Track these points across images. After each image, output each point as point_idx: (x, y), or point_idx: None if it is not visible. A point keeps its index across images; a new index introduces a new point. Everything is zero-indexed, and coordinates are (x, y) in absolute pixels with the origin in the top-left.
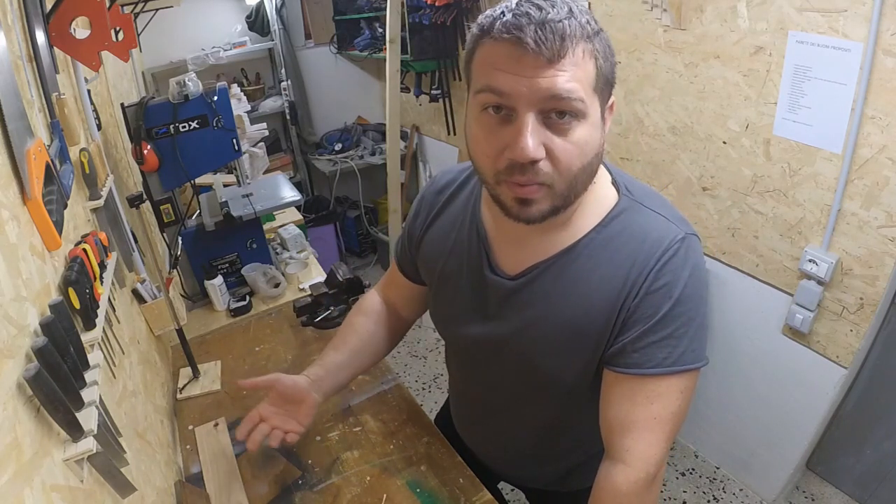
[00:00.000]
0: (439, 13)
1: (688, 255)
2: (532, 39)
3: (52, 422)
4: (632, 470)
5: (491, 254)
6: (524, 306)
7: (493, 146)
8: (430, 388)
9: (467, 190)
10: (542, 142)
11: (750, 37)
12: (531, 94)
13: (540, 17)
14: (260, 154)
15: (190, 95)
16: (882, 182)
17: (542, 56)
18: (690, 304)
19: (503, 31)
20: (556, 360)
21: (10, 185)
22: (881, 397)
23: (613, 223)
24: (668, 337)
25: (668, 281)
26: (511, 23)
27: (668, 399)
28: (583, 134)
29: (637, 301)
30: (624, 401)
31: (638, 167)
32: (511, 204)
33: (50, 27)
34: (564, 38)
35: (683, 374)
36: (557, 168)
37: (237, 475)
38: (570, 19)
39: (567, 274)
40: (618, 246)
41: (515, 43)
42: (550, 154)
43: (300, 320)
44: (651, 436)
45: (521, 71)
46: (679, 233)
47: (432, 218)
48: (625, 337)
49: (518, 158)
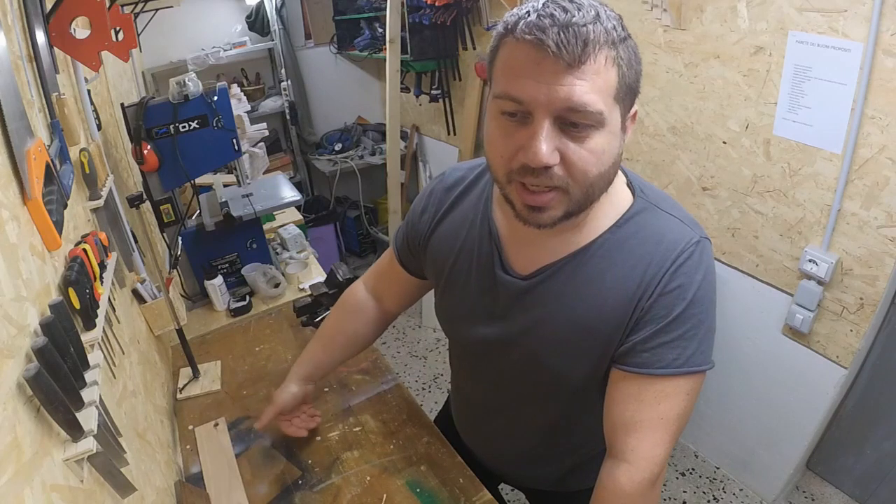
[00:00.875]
0: (439, 13)
1: (702, 259)
2: (553, 42)
3: (52, 422)
4: (636, 470)
5: (503, 253)
6: (535, 306)
7: (509, 147)
8: (430, 388)
9: (478, 188)
10: (556, 147)
11: (750, 37)
12: (548, 102)
13: (564, 19)
14: (260, 154)
15: (190, 95)
16: (882, 182)
17: (561, 60)
18: (702, 306)
19: (525, 32)
20: (565, 360)
21: (10, 185)
22: (881, 397)
23: (628, 224)
24: (679, 338)
25: (682, 283)
26: (534, 23)
27: (675, 400)
28: (600, 142)
29: (651, 301)
30: (631, 400)
31: (638, 167)
32: (521, 208)
33: (50, 27)
34: (587, 44)
35: (691, 375)
36: (572, 174)
37: (237, 475)
38: (595, 24)
39: (581, 274)
40: (633, 247)
41: (537, 45)
42: (565, 160)
43: (300, 320)
44: (656, 436)
45: (540, 76)
46: (694, 236)
47: (442, 215)
48: (636, 336)
49: (531, 163)
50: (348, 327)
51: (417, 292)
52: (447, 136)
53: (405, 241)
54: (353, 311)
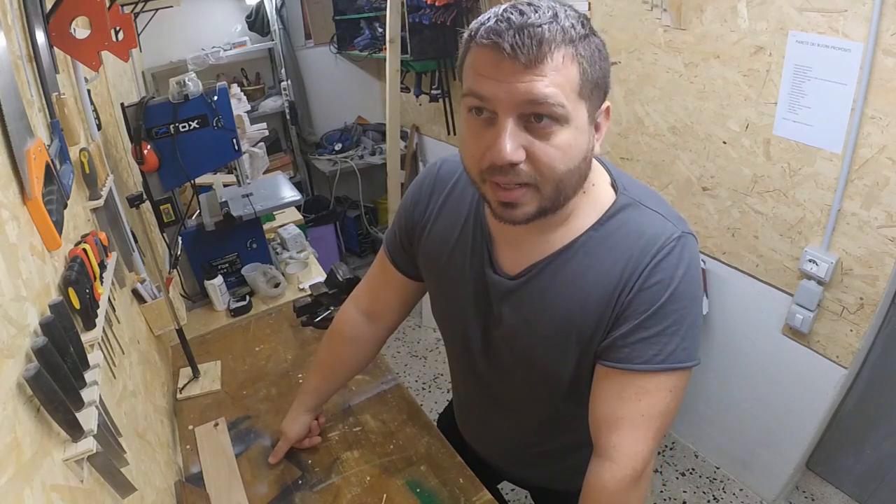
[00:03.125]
0: (439, 13)
1: (683, 254)
2: (509, 45)
3: (52, 422)
4: (618, 467)
5: (493, 253)
6: (523, 304)
7: (478, 147)
8: (430, 388)
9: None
10: (521, 145)
11: (750, 37)
12: (509, 99)
13: (520, 22)
14: (260, 154)
15: (190, 95)
16: (882, 182)
17: (518, 61)
18: (683, 302)
19: (484, 37)
20: (554, 356)
21: (10, 185)
22: (881, 397)
23: (610, 221)
24: (658, 334)
25: (661, 278)
26: (492, 28)
27: (657, 396)
28: (565, 138)
29: (630, 296)
30: (612, 396)
31: (638, 167)
32: (496, 206)
33: (50, 27)
34: (542, 43)
35: (673, 372)
36: (539, 170)
37: (237, 475)
38: (551, 24)
39: (564, 271)
40: (614, 242)
41: (494, 48)
42: (531, 156)
43: (300, 320)
44: (638, 432)
45: (500, 76)
46: (675, 231)
47: (437, 210)
48: (616, 332)
49: (496, 161)
50: (346, 357)
51: (413, 297)
52: (447, 136)
53: (396, 238)
54: (349, 339)
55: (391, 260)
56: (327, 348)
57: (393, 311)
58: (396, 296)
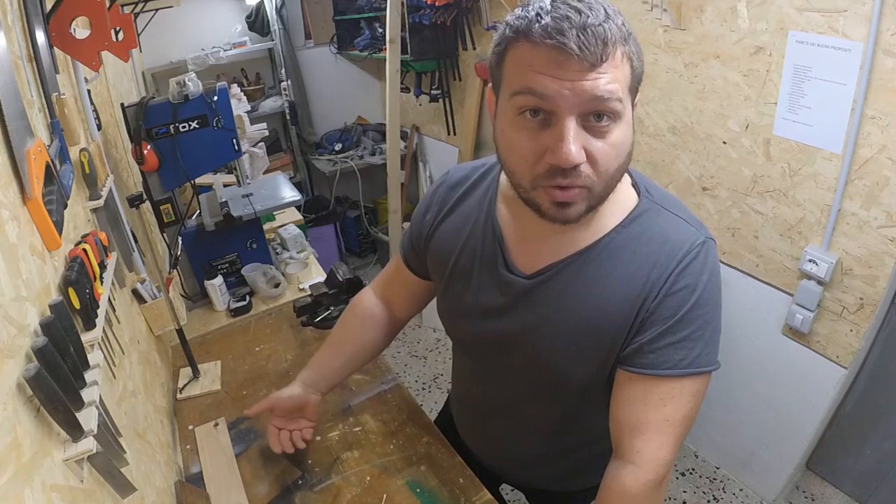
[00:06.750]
0: (439, 13)
1: (707, 260)
2: (576, 45)
3: (52, 422)
4: (642, 471)
5: (506, 252)
6: (539, 304)
7: (533, 151)
8: (430, 388)
9: (482, 188)
10: (582, 145)
11: (750, 37)
12: (574, 97)
13: (580, 21)
14: (260, 154)
15: (190, 95)
16: (882, 182)
17: (585, 61)
18: (708, 307)
19: (545, 37)
20: (569, 359)
21: (10, 185)
22: (881, 397)
23: (634, 224)
24: (684, 339)
25: (687, 283)
26: (552, 27)
27: (681, 401)
28: (619, 135)
29: (656, 302)
30: (637, 401)
31: (638, 167)
32: (548, 207)
33: (50, 27)
34: (606, 43)
35: (697, 376)
36: (596, 170)
37: (237, 475)
38: (608, 22)
39: (585, 273)
40: (638, 247)
41: (558, 48)
42: (590, 157)
43: (300, 320)
44: (662, 438)
45: (564, 75)
46: (699, 237)
47: (445, 213)
48: (642, 337)
49: (562, 164)
50: (357, 334)
51: (426, 295)
52: (447, 136)
53: (410, 242)
54: (363, 317)
55: (404, 259)
56: (339, 325)
57: (404, 303)
58: (407, 291)
